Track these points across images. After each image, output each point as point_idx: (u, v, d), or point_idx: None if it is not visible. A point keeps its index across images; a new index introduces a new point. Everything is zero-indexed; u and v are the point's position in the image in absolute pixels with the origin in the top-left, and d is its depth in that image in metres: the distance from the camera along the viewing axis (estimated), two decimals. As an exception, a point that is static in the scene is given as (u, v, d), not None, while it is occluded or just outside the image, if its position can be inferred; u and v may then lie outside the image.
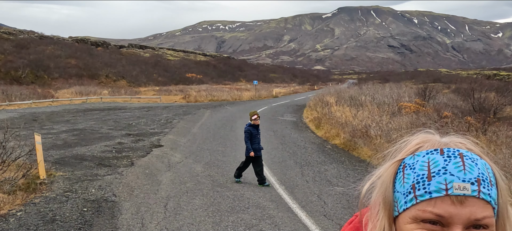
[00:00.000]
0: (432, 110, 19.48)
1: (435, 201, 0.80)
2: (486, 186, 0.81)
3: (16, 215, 6.48)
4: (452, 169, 0.81)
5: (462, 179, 0.80)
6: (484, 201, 0.80)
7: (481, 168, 0.82)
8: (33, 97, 37.65)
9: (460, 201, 0.79)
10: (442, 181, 0.81)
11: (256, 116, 9.34)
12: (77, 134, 16.73)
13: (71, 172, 9.66)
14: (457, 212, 0.79)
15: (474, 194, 0.79)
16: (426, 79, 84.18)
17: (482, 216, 0.80)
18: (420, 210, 0.82)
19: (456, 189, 0.80)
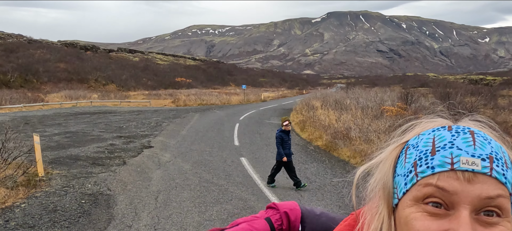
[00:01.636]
0: (411, 113, 20.37)
1: (438, 175, 0.71)
2: (500, 165, 0.71)
3: (20, 206, 7.16)
4: (460, 143, 0.72)
5: (471, 153, 0.71)
6: (498, 181, 0.70)
7: (495, 148, 0.73)
8: (24, 101, 38.01)
9: (468, 179, 0.70)
10: (448, 155, 0.72)
11: (287, 122, 9.43)
12: (69, 136, 17.33)
13: (67, 170, 10.33)
14: (464, 188, 0.69)
15: (485, 171, 0.70)
16: (414, 84, 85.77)
17: (495, 194, 0.70)
18: (421, 184, 0.73)
19: (464, 163, 0.70)
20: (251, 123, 23.27)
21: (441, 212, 0.70)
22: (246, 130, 19.91)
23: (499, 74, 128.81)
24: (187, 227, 6.30)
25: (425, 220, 0.71)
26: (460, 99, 19.80)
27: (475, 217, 0.70)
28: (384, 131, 15.73)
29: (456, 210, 0.70)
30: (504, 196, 0.70)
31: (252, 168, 11.03)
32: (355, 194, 0.84)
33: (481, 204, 0.69)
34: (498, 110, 40.30)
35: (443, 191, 0.70)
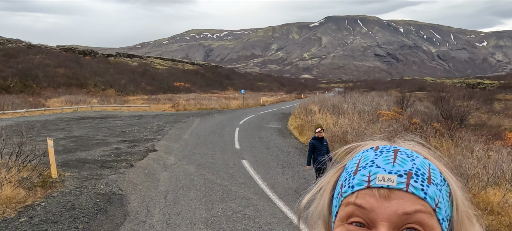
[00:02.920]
0: (406, 117, 21.03)
1: (357, 194, 0.72)
2: (419, 180, 0.71)
3: (40, 204, 7.74)
4: (380, 161, 0.73)
5: (388, 170, 0.71)
6: (416, 196, 0.70)
7: (419, 164, 0.73)
8: (26, 106, 38.55)
9: (383, 195, 0.70)
10: (366, 173, 0.72)
11: (320, 129, 9.29)
12: (74, 140, 17.89)
13: (77, 172, 10.91)
14: (380, 205, 0.69)
15: (401, 186, 0.70)
16: (411, 88, 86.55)
17: (412, 209, 0.69)
18: (343, 204, 0.74)
19: (380, 180, 0.71)
20: (251, 127, 23.86)
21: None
22: (246, 134, 20.50)
23: (496, 78, 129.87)
24: (196, 222, 6.90)
25: None
26: (453, 103, 20.46)
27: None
28: (378, 134, 16.35)
29: (376, 228, 0.69)
30: (423, 212, 0.69)
31: (254, 170, 11.62)
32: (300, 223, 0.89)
33: (399, 220, 0.69)
34: (492, 114, 41.01)
35: (361, 208, 0.71)
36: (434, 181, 0.73)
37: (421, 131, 15.68)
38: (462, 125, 18.38)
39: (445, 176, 0.76)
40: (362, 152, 0.77)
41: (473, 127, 18.61)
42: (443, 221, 0.72)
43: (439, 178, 0.74)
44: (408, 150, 0.75)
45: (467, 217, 0.75)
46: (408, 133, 0.83)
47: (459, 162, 11.69)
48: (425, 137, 15.30)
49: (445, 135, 15.68)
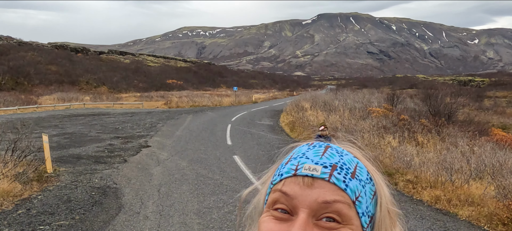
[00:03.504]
0: (395, 114, 21.42)
1: (284, 181, 0.75)
2: (342, 173, 0.75)
3: (37, 198, 7.98)
4: (310, 154, 0.78)
5: (315, 162, 0.75)
6: (337, 187, 0.73)
7: (347, 160, 0.78)
8: (18, 103, 38.47)
9: (308, 183, 0.73)
10: (295, 163, 0.77)
11: (323, 127, 9.42)
12: (68, 137, 18.06)
13: (72, 167, 11.13)
14: (303, 192, 0.73)
15: (324, 176, 0.73)
16: (403, 85, 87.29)
17: (332, 199, 0.72)
18: (271, 191, 0.78)
19: (306, 169, 0.74)
20: (243, 124, 24.14)
21: (285, 217, 0.73)
22: (238, 130, 20.78)
23: (487, 76, 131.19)
24: (188, 213, 7.18)
25: (270, 223, 0.74)
26: (441, 100, 20.87)
27: (315, 222, 0.72)
28: (368, 130, 16.71)
29: (297, 214, 0.72)
30: (342, 202, 0.72)
31: (245, 165, 11.91)
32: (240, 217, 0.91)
33: (319, 208, 0.72)
34: (482, 111, 41.61)
35: (285, 195, 0.74)
36: (358, 177, 0.77)
37: (409, 127, 16.05)
38: (449, 121, 18.79)
39: (373, 175, 0.80)
40: (299, 147, 0.83)
41: (461, 123, 19.03)
42: (362, 215, 0.75)
43: (364, 176, 0.78)
44: (340, 147, 0.81)
45: (390, 216, 0.79)
46: (348, 136, 0.91)
47: (444, 156, 12.07)
48: (412, 132, 15.68)
49: (432, 131, 16.05)
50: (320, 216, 0.72)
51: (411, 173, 10.79)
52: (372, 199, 0.77)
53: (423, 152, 13.49)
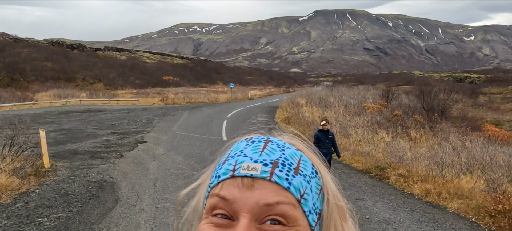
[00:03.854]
0: (389, 110, 21.64)
1: (221, 184, 0.69)
2: (284, 170, 0.69)
3: (35, 192, 8.12)
4: (248, 151, 0.72)
5: (254, 159, 0.70)
6: (280, 187, 0.68)
7: (289, 154, 0.72)
8: (14, 100, 38.49)
9: (247, 185, 0.67)
10: (233, 162, 0.71)
11: (324, 122, 9.33)
12: (65, 133, 18.17)
13: (69, 162, 11.26)
14: (243, 195, 0.67)
15: (264, 175, 0.68)
16: (399, 82, 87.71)
17: (274, 201, 0.66)
18: (210, 196, 0.71)
19: (244, 169, 0.68)
20: (239, 120, 24.29)
21: (226, 223, 0.68)
22: (234, 126, 20.94)
23: (483, 72, 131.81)
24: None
25: (210, 230, 0.69)
26: (434, 96, 21.11)
27: (258, 226, 0.67)
28: (362, 126, 16.91)
29: (238, 219, 0.67)
30: (286, 203, 0.67)
31: (240, 160, 12.09)
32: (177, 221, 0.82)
33: (261, 211, 0.67)
34: (476, 107, 41.94)
35: (224, 200, 0.68)
36: (302, 172, 0.71)
37: (403, 123, 16.26)
38: (443, 117, 19.02)
39: (318, 168, 0.75)
40: (237, 143, 0.77)
41: (454, 119, 19.26)
42: (309, 213, 0.70)
43: (309, 170, 0.73)
44: (281, 141, 0.75)
45: (338, 211, 0.75)
46: (288, 127, 0.92)
47: (435, 151, 12.28)
48: (406, 128, 15.88)
49: (425, 127, 16.26)
50: (263, 219, 0.67)
51: (403, 167, 10.99)
52: (319, 194, 0.73)
53: (415, 147, 13.69)
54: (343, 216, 0.75)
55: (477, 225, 7.29)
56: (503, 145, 14.84)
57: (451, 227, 7.06)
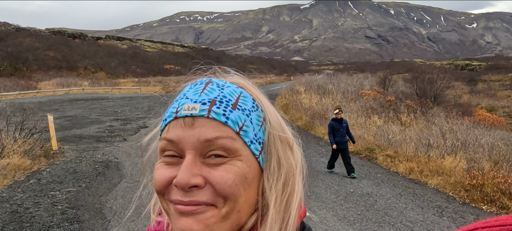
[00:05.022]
0: (384, 96, 22.22)
1: (168, 127, 0.74)
2: (222, 106, 0.74)
3: (46, 170, 8.78)
4: (190, 93, 0.76)
5: (194, 100, 0.74)
6: (219, 122, 0.72)
7: (228, 92, 0.77)
8: (18, 89, 39.15)
9: (189, 124, 0.72)
10: (175, 105, 0.75)
11: (338, 110, 9.47)
12: (69, 119, 18.83)
13: (75, 145, 11.92)
14: (185, 134, 0.71)
15: (203, 113, 0.72)
16: (400, 70, 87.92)
17: (213, 136, 0.71)
18: (160, 139, 0.76)
19: (185, 110, 0.73)
20: (238, 107, 24.88)
21: (175, 161, 0.74)
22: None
23: (485, 60, 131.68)
24: (183, 182, 8.01)
25: (162, 169, 0.74)
26: (427, 82, 21.65)
27: (203, 160, 0.72)
28: (356, 111, 17.52)
29: (184, 157, 0.72)
30: (224, 137, 0.72)
31: (237, 143, 12.74)
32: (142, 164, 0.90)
33: (203, 147, 0.72)
34: (474, 94, 42.46)
35: (171, 142, 0.73)
36: (241, 107, 0.76)
37: (395, 108, 16.85)
38: (435, 103, 19.58)
39: (260, 102, 0.80)
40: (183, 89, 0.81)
41: (446, 105, 19.83)
42: (251, 143, 0.75)
43: (249, 104, 0.78)
44: (222, 80, 0.79)
45: (280, 139, 0.79)
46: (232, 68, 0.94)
47: (423, 134, 12.90)
48: (397, 112, 16.49)
49: (417, 111, 16.85)
50: (206, 154, 0.72)
51: (391, 149, 11.62)
52: (261, 126, 0.78)
53: (405, 130, 14.31)
54: (287, 144, 0.80)
55: (453, 198, 7.93)
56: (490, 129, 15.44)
57: (429, 200, 7.70)
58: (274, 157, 0.78)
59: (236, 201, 0.74)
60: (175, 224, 0.73)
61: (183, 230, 0.72)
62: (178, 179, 0.70)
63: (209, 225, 0.72)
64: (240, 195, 0.74)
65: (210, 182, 0.72)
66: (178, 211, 0.72)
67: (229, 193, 0.73)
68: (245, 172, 0.74)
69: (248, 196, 0.76)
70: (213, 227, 0.73)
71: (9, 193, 7.13)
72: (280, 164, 0.78)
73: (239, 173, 0.74)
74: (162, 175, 0.73)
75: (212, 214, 0.73)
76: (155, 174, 0.75)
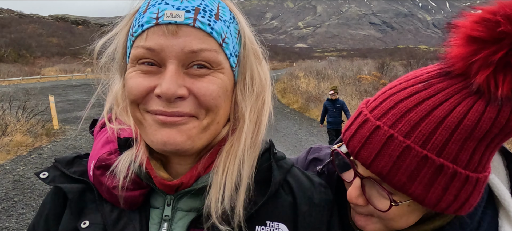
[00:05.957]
0: (378, 80, 22.58)
1: (146, 33, 0.71)
2: (206, 16, 0.72)
3: (47, 147, 9.30)
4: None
5: (176, 6, 0.71)
6: (204, 32, 0.71)
7: (209, 2, 0.75)
8: (21, 74, 39.68)
9: (172, 32, 0.70)
10: (155, 10, 0.72)
11: (333, 91, 9.59)
12: (71, 103, 19.34)
13: (76, 126, 12.41)
14: (168, 43, 0.69)
15: (188, 22, 0.70)
16: (403, 56, 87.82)
17: (198, 48, 0.70)
18: (134, 47, 0.73)
19: (168, 16, 0.70)
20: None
21: (154, 69, 0.72)
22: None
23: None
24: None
25: (138, 78, 0.72)
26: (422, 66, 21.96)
27: (185, 70, 0.72)
28: (350, 93, 17.93)
29: (165, 66, 0.71)
30: (209, 50, 0.71)
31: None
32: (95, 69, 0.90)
33: (187, 58, 0.71)
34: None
35: (151, 50, 0.71)
36: (222, 17, 0.75)
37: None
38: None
39: (235, 13, 0.81)
40: None
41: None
42: (230, 56, 0.76)
43: (228, 15, 0.78)
44: None
45: (253, 53, 0.83)
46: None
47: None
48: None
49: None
50: (189, 64, 0.71)
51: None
52: (237, 38, 0.79)
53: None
54: (258, 58, 0.84)
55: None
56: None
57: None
58: (248, 69, 0.82)
59: (217, 113, 0.76)
60: (154, 135, 0.73)
61: (165, 141, 0.72)
62: (163, 90, 0.69)
63: (191, 136, 0.74)
64: (221, 107, 0.76)
65: (194, 93, 0.72)
66: (159, 121, 0.72)
67: (213, 105, 0.74)
68: (226, 84, 0.76)
69: (226, 108, 0.79)
70: (195, 138, 0.74)
71: (12, 166, 7.64)
72: (253, 77, 0.82)
73: (222, 85, 0.75)
74: (140, 84, 0.72)
75: (194, 125, 0.74)
76: (130, 83, 0.74)
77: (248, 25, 0.84)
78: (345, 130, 0.90)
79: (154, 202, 0.84)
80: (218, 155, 0.81)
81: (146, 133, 0.75)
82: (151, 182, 0.81)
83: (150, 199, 0.85)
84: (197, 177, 0.81)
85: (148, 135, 0.74)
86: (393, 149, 0.77)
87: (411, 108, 0.77)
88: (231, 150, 0.80)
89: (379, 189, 0.84)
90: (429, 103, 0.76)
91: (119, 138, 0.85)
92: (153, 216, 0.83)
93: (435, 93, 0.77)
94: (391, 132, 0.78)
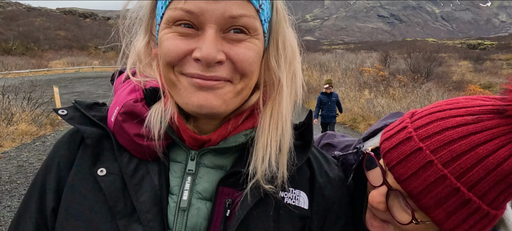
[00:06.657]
0: (378, 72, 22.78)
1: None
2: None
3: (50, 135, 9.71)
4: None
5: None
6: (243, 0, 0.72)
7: None
8: (29, 67, 40.16)
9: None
10: None
11: (328, 85, 9.64)
12: (77, 94, 19.74)
13: (80, 116, 12.84)
14: (209, 7, 0.69)
15: None
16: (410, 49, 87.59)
17: (238, 13, 0.70)
18: (171, 8, 0.73)
19: None
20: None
21: (191, 32, 0.72)
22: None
23: (497, 39, 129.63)
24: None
25: (175, 40, 0.73)
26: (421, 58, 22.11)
27: (223, 35, 0.72)
28: (349, 85, 18.18)
29: (204, 29, 0.71)
30: (248, 16, 0.72)
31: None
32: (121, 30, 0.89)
33: (226, 22, 0.71)
34: (476, 72, 42.56)
35: (190, 13, 0.71)
36: None
37: (387, 82, 17.47)
38: (428, 78, 20.14)
39: None
40: None
41: (438, 80, 20.38)
42: (264, 22, 0.77)
43: None
44: None
45: (284, 19, 0.83)
46: None
47: (408, 105, 13.56)
48: (388, 87, 17.11)
49: (408, 86, 17.46)
50: (227, 29, 0.72)
51: (375, 119, 12.32)
52: (270, 3, 0.80)
53: (394, 103, 14.98)
54: (286, 22, 0.85)
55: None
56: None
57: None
58: (280, 35, 0.83)
59: (251, 79, 0.77)
60: (189, 98, 0.75)
61: (202, 104, 0.73)
62: (204, 54, 0.70)
63: (226, 100, 0.75)
64: (255, 73, 0.78)
65: (231, 58, 0.73)
66: (196, 84, 0.73)
67: (249, 71, 0.75)
68: (261, 51, 0.78)
69: (258, 74, 0.80)
70: (229, 102, 0.76)
71: (17, 153, 8.04)
72: (285, 43, 0.83)
73: (258, 51, 0.76)
74: (178, 46, 0.73)
75: (229, 90, 0.75)
76: (167, 44, 0.74)
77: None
78: (384, 139, 0.91)
79: (175, 156, 0.86)
80: (261, 116, 0.84)
81: (180, 94, 0.76)
82: (175, 136, 0.83)
83: (170, 153, 0.86)
84: (224, 136, 0.83)
85: (183, 97, 0.75)
86: (430, 174, 0.79)
87: (456, 139, 0.78)
88: (273, 112, 0.83)
89: (404, 204, 0.87)
90: (475, 139, 0.77)
91: (145, 89, 0.85)
92: (175, 169, 0.85)
93: (482, 130, 0.78)
94: (432, 157, 0.79)
